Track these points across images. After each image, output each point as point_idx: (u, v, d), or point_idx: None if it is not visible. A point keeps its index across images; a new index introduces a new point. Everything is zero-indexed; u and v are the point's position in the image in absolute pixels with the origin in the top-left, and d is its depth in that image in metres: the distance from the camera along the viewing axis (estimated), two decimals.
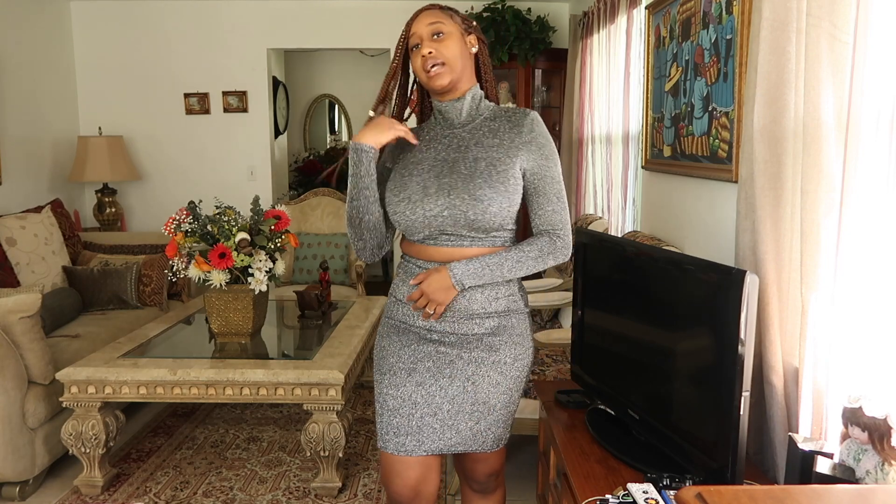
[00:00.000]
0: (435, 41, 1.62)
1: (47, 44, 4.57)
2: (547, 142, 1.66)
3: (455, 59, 1.61)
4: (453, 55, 1.61)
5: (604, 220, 3.59)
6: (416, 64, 1.64)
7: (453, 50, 1.61)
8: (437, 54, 1.60)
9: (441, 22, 1.63)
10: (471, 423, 1.66)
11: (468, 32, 1.68)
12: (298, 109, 6.97)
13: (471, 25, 1.70)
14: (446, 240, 1.61)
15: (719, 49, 2.21)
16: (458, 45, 1.63)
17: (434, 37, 1.62)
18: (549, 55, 4.68)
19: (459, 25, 1.66)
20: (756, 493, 1.12)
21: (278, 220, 2.95)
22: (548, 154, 1.65)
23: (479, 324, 1.65)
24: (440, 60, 1.60)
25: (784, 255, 1.64)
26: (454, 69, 1.62)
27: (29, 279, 3.48)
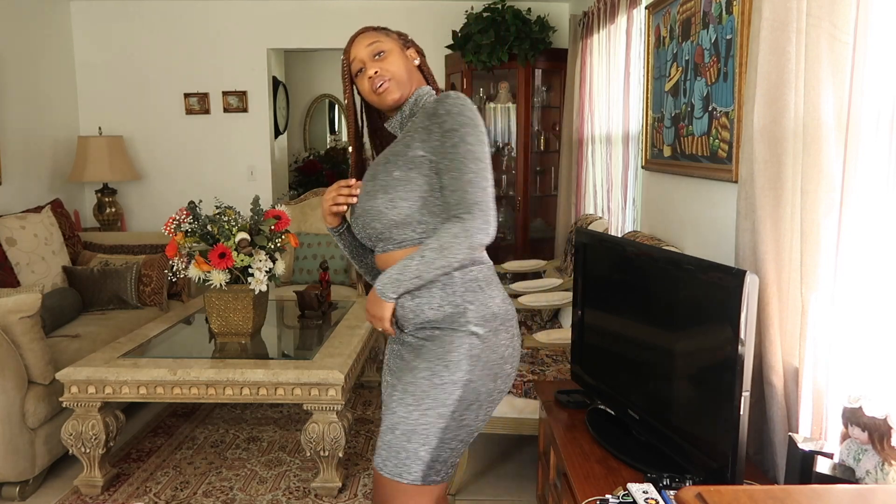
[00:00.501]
0: (377, 61, 1.61)
1: (47, 44, 4.57)
2: (451, 116, 1.50)
3: (401, 73, 1.61)
4: (399, 69, 1.61)
5: (604, 220, 3.59)
6: (364, 87, 1.63)
7: (398, 64, 1.62)
8: (382, 72, 1.60)
9: (379, 41, 1.63)
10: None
11: (407, 47, 1.68)
12: (298, 109, 6.97)
13: (407, 40, 1.71)
14: (382, 246, 1.61)
15: (719, 49, 2.21)
16: (401, 59, 1.63)
17: (375, 57, 1.62)
18: (549, 55, 4.68)
19: (397, 41, 1.66)
20: (756, 493, 1.12)
21: (278, 220, 2.95)
22: (450, 128, 1.49)
23: (412, 333, 1.59)
24: (387, 77, 1.60)
25: (784, 255, 1.64)
26: (402, 83, 1.62)
27: (29, 279, 3.48)
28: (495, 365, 1.54)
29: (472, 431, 1.57)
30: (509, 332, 1.57)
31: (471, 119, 1.50)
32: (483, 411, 1.55)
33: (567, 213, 4.37)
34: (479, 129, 1.51)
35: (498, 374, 1.55)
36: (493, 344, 1.53)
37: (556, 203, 4.60)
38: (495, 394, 1.56)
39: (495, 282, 1.60)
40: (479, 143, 1.49)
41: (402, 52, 1.65)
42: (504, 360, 1.56)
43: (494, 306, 1.55)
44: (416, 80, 1.66)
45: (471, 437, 1.58)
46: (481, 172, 1.49)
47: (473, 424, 1.55)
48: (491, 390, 1.54)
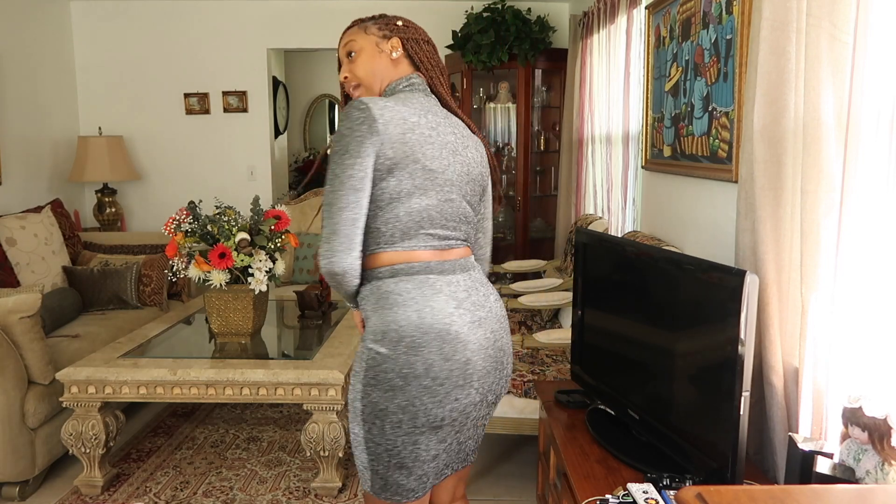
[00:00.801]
0: (349, 62, 1.58)
1: (47, 44, 4.57)
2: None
3: (367, 76, 1.56)
4: (364, 73, 1.56)
5: (604, 220, 3.59)
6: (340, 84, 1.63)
7: (364, 67, 1.56)
8: (350, 77, 1.57)
9: (353, 40, 1.57)
10: None
11: (387, 38, 1.57)
12: (298, 109, 6.97)
13: (392, 29, 1.58)
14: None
15: (719, 49, 2.21)
16: (370, 60, 1.56)
17: (348, 57, 1.58)
18: (549, 55, 4.68)
19: (375, 35, 1.56)
20: (756, 493, 1.12)
21: (278, 220, 2.95)
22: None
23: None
24: (353, 83, 1.57)
25: (784, 255, 1.64)
26: (369, 87, 1.57)
27: (29, 279, 3.48)
28: (392, 381, 1.38)
29: (394, 452, 1.42)
30: (420, 352, 1.38)
31: (339, 135, 1.41)
32: (392, 430, 1.40)
33: (567, 213, 4.37)
34: (340, 146, 1.39)
35: (397, 393, 1.38)
36: (392, 360, 1.39)
37: (556, 203, 4.60)
38: (401, 415, 1.39)
39: (415, 296, 1.41)
40: (335, 163, 1.39)
41: (374, 49, 1.56)
42: (406, 378, 1.38)
43: (396, 323, 1.39)
44: (388, 77, 1.56)
45: (400, 459, 1.42)
46: (329, 195, 1.39)
47: (390, 444, 1.41)
48: (391, 409, 1.39)
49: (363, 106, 1.40)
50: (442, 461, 1.51)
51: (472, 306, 1.46)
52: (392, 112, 1.41)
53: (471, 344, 1.43)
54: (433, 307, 1.41)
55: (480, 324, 1.46)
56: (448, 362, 1.40)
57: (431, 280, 1.44)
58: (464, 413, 1.45)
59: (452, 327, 1.41)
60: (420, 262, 1.44)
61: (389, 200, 1.41)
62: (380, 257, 1.45)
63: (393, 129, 1.40)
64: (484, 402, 1.51)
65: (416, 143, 1.42)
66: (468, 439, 1.57)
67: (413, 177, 1.42)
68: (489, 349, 1.47)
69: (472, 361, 1.43)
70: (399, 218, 1.42)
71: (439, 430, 1.44)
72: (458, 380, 1.41)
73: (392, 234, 1.43)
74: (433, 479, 1.51)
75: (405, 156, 1.40)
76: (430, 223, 1.45)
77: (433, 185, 1.44)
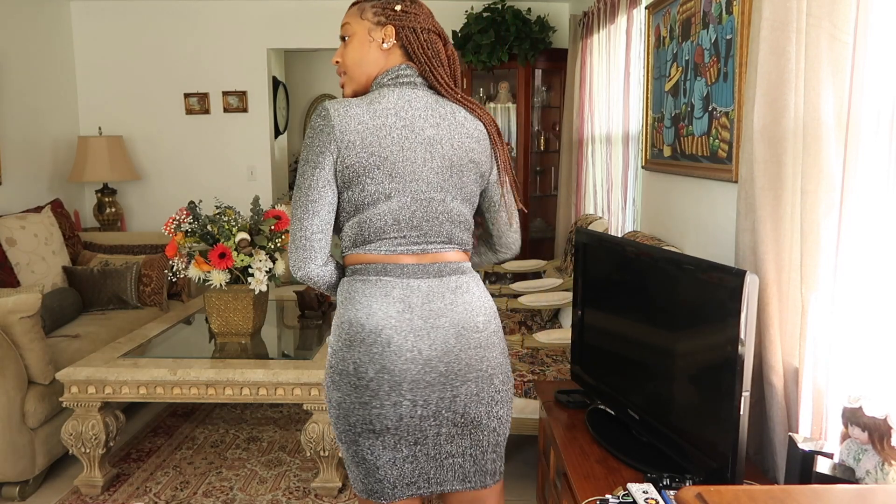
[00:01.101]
0: (342, 46, 1.51)
1: (47, 44, 4.57)
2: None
3: (353, 66, 1.48)
4: (351, 61, 1.48)
5: (604, 220, 3.59)
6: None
7: (352, 55, 1.48)
8: (341, 63, 1.51)
9: (348, 23, 1.50)
10: None
11: (381, 25, 1.46)
12: (298, 109, 6.96)
13: (389, 15, 1.46)
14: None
15: (719, 49, 2.21)
16: (359, 48, 1.47)
17: (343, 41, 1.51)
18: (549, 55, 4.68)
19: (369, 21, 1.47)
20: (756, 493, 1.12)
21: (278, 220, 2.95)
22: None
23: None
24: (342, 70, 1.51)
25: (784, 255, 1.64)
26: (353, 78, 1.49)
27: (29, 279, 3.48)
28: (332, 376, 1.43)
29: (345, 449, 1.47)
30: (351, 351, 1.39)
31: (304, 143, 1.42)
32: (335, 424, 1.45)
33: (567, 213, 4.37)
34: (302, 156, 1.41)
35: (333, 389, 1.43)
36: (332, 355, 1.44)
37: (556, 203, 4.60)
38: (337, 410, 1.43)
39: (361, 297, 1.41)
40: (298, 174, 1.41)
41: (365, 36, 1.47)
42: (340, 374, 1.41)
43: (340, 320, 1.43)
44: (376, 68, 1.47)
45: (351, 456, 1.46)
46: (293, 206, 1.42)
47: (340, 440, 1.47)
48: (334, 405, 1.43)
49: (324, 113, 1.39)
50: (408, 472, 1.45)
51: (427, 313, 1.40)
52: (355, 118, 1.38)
53: (403, 351, 1.37)
54: (373, 309, 1.39)
55: (429, 333, 1.39)
56: (373, 364, 1.38)
57: (384, 282, 1.41)
58: (401, 421, 1.40)
59: (385, 331, 1.37)
60: (378, 265, 1.42)
61: (355, 209, 1.41)
62: (348, 258, 1.48)
63: (353, 136, 1.36)
64: (434, 416, 1.41)
65: (382, 146, 1.38)
66: (449, 456, 1.47)
67: (377, 182, 1.38)
68: (433, 361, 1.39)
69: (403, 369, 1.37)
70: (363, 223, 1.42)
71: (377, 434, 1.41)
72: (384, 385, 1.38)
73: (356, 238, 1.44)
74: (407, 489, 1.47)
75: (368, 163, 1.37)
76: (396, 227, 1.41)
77: (404, 188, 1.40)
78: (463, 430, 1.46)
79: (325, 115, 1.38)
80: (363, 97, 1.44)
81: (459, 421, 1.44)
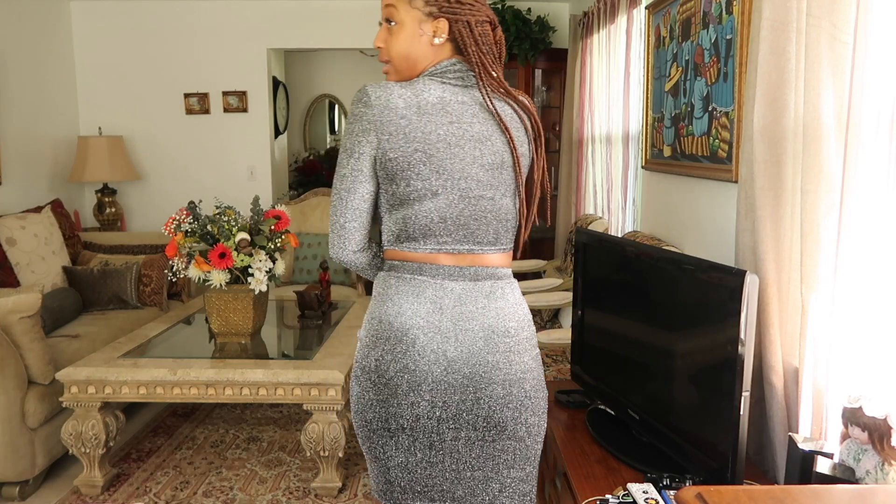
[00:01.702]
0: (387, 30, 1.39)
1: (47, 44, 4.57)
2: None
3: (399, 59, 1.38)
4: (397, 53, 1.38)
5: (604, 220, 3.59)
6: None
7: (399, 47, 1.37)
8: (384, 50, 1.40)
9: (394, 6, 1.36)
10: None
11: (432, 17, 1.35)
12: (298, 109, 6.97)
13: (442, 6, 1.34)
14: None
15: (719, 49, 2.21)
16: (408, 40, 1.37)
17: (387, 23, 1.39)
18: (549, 55, 4.68)
19: (420, 10, 1.35)
20: (756, 493, 1.12)
21: (278, 220, 2.95)
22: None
23: None
24: (385, 59, 1.40)
25: (784, 255, 1.64)
26: (398, 70, 1.39)
27: (29, 279, 3.48)
28: (355, 371, 1.43)
29: (362, 442, 1.43)
30: (381, 349, 1.37)
31: (345, 128, 1.38)
32: (354, 418, 1.44)
33: (567, 213, 4.37)
34: (343, 142, 1.38)
35: (361, 382, 1.40)
36: (365, 351, 1.41)
37: (557, 203, 4.60)
38: (356, 405, 1.42)
39: (391, 293, 1.39)
40: (338, 161, 1.38)
41: (415, 28, 1.36)
42: (362, 370, 1.40)
43: (370, 316, 1.42)
44: (423, 62, 1.38)
45: (366, 452, 1.43)
46: (332, 192, 1.40)
47: (360, 434, 1.44)
48: (354, 399, 1.42)
49: (364, 99, 1.33)
50: (420, 478, 1.40)
51: (457, 316, 1.37)
52: (397, 110, 1.31)
53: (428, 352, 1.35)
54: (403, 308, 1.37)
55: (457, 335, 1.36)
56: (395, 363, 1.35)
57: (418, 281, 1.38)
58: (417, 422, 1.36)
59: (412, 331, 1.35)
60: (414, 263, 1.39)
61: (399, 204, 1.36)
62: (387, 253, 1.44)
63: (395, 128, 1.31)
64: (453, 419, 1.37)
65: (428, 141, 1.32)
66: (470, 468, 1.40)
67: (423, 178, 1.33)
68: (458, 363, 1.35)
69: (425, 370, 1.35)
70: (408, 220, 1.37)
71: (391, 434, 1.38)
72: (403, 384, 1.35)
73: (399, 234, 1.39)
74: (417, 497, 1.42)
75: (412, 158, 1.32)
76: (443, 226, 1.37)
77: (452, 186, 1.35)
78: (485, 434, 1.38)
79: (366, 102, 1.32)
80: (408, 84, 1.36)
81: (482, 425, 1.38)
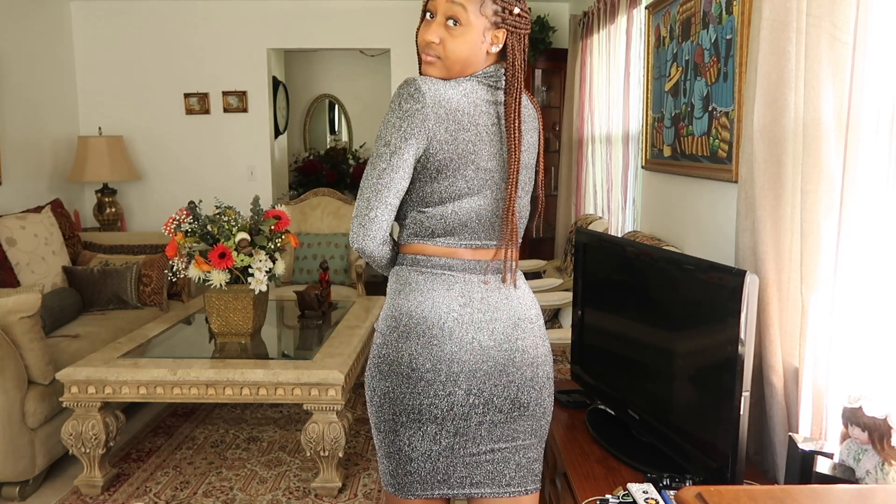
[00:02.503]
0: (448, 28, 1.34)
1: (47, 44, 4.57)
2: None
3: (455, 61, 1.36)
4: (456, 55, 1.35)
5: (604, 220, 3.59)
6: (420, 36, 1.39)
7: (460, 50, 1.35)
8: (439, 45, 1.35)
9: (463, 7, 1.32)
10: None
11: (496, 27, 1.36)
12: (298, 109, 6.97)
13: (505, 17, 1.36)
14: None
15: (719, 49, 2.21)
16: (471, 45, 1.35)
17: (449, 22, 1.34)
18: (549, 55, 4.68)
19: (487, 18, 1.34)
20: (756, 493, 1.12)
21: (278, 220, 2.95)
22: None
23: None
24: (438, 55, 1.36)
25: (784, 255, 1.64)
26: (450, 69, 1.37)
27: (29, 279, 3.48)
28: (381, 367, 1.43)
29: (381, 438, 1.45)
30: (415, 342, 1.39)
31: (387, 121, 1.35)
32: (376, 414, 1.44)
33: (567, 213, 4.37)
34: (384, 134, 1.35)
35: (384, 379, 1.42)
36: (386, 346, 1.42)
37: (556, 203, 4.60)
38: (382, 400, 1.42)
39: (419, 286, 1.41)
40: (375, 152, 1.36)
41: (479, 35, 1.35)
42: (391, 365, 1.41)
43: (398, 311, 1.41)
44: (473, 67, 1.38)
45: (387, 447, 1.45)
46: (363, 180, 1.37)
47: (379, 430, 1.45)
48: (380, 394, 1.42)
49: (417, 95, 1.31)
50: (441, 468, 1.43)
51: (486, 307, 1.42)
52: (451, 112, 1.33)
53: (465, 343, 1.39)
54: (436, 302, 1.39)
55: (488, 325, 1.41)
56: (432, 355, 1.38)
57: (447, 276, 1.41)
58: (451, 411, 1.40)
59: (447, 323, 1.38)
60: (441, 258, 1.42)
61: (439, 201, 1.38)
62: (413, 246, 1.44)
63: (445, 129, 1.33)
64: (485, 404, 1.41)
65: (475, 143, 1.35)
66: (489, 451, 1.44)
67: (466, 179, 1.37)
68: (492, 350, 1.41)
69: (462, 360, 1.39)
70: (444, 216, 1.39)
71: (421, 424, 1.41)
72: (440, 375, 1.38)
73: (433, 229, 1.41)
74: (437, 487, 1.44)
75: (460, 159, 1.35)
76: (477, 223, 1.41)
77: (487, 185, 1.39)
78: (509, 416, 1.44)
79: (418, 98, 1.31)
80: (455, 83, 1.37)
81: (507, 407, 1.43)
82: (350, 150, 6.92)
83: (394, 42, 5.02)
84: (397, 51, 5.02)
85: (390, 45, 5.06)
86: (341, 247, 4.53)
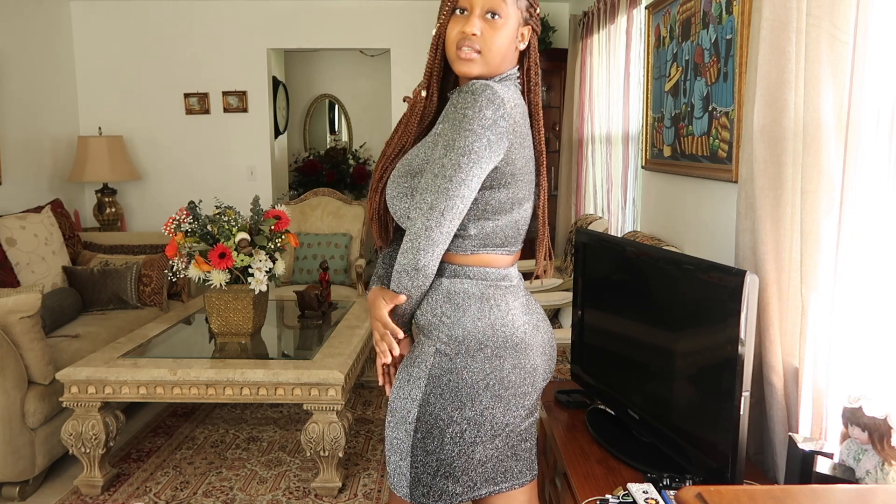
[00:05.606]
0: (487, 21, 1.32)
1: (47, 44, 4.57)
2: (451, 113, 1.28)
3: (497, 55, 1.33)
4: (497, 49, 1.32)
5: (604, 220, 3.59)
6: (451, 34, 1.33)
7: (501, 42, 1.32)
8: (480, 40, 1.31)
9: (505, 2, 1.32)
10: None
11: (525, 23, 1.37)
12: (298, 109, 6.96)
13: (532, 14, 1.38)
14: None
15: (719, 49, 2.21)
16: (510, 38, 1.34)
17: (488, 15, 1.32)
18: (549, 55, 4.68)
19: (521, 13, 1.35)
20: (756, 493, 1.12)
21: (278, 220, 2.95)
22: (444, 129, 1.30)
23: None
24: (478, 47, 1.32)
25: (784, 255, 1.64)
26: (489, 64, 1.33)
27: (29, 279, 3.48)
28: (461, 391, 1.33)
29: (446, 462, 1.35)
30: (495, 360, 1.34)
31: (468, 129, 1.25)
32: (451, 441, 1.34)
33: (567, 213, 4.37)
34: (465, 143, 1.25)
35: (466, 404, 1.33)
36: (461, 367, 1.33)
37: (556, 203, 4.60)
38: (464, 424, 1.34)
39: (496, 301, 1.36)
40: (452, 162, 1.26)
41: (515, 29, 1.35)
42: (477, 388, 1.33)
43: (475, 327, 1.33)
44: (505, 65, 1.37)
45: (451, 469, 1.35)
46: (435, 193, 1.26)
47: (445, 455, 1.34)
48: (456, 419, 1.33)
49: (498, 102, 1.26)
50: (490, 467, 1.41)
51: (533, 308, 1.47)
52: (519, 110, 1.33)
53: (537, 348, 1.40)
54: (514, 311, 1.38)
55: (539, 325, 1.44)
56: (521, 371, 1.37)
57: (513, 287, 1.41)
58: (534, 409, 1.47)
59: (526, 337, 1.38)
60: (509, 269, 1.42)
61: (510, 208, 1.36)
62: (479, 257, 1.37)
63: (520, 134, 1.32)
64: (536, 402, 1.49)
65: (530, 148, 1.39)
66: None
67: (527, 184, 1.39)
68: (547, 347, 1.45)
69: (539, 367, 1.41)
70: (504, 226, 1.37)
71: (498, 437, 1.40)
72: (527, 387, 1.39)
73: (505, 238, 1.38)
74: (480, 488, 1.42)
75: (525, 165, 1.36)
76: (523, 230, 1.45)
77: (530, 193, 1.42)
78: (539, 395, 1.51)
79: (501, 104, 1.26)
80: (509, 85, 1.37)
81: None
82: (350, 150, 6.91)
83: (394, 42, 5.02)
84: (397, 51, 5.02)
85: (390, 45, 5.06)
86: (341, 247, 4.53)
